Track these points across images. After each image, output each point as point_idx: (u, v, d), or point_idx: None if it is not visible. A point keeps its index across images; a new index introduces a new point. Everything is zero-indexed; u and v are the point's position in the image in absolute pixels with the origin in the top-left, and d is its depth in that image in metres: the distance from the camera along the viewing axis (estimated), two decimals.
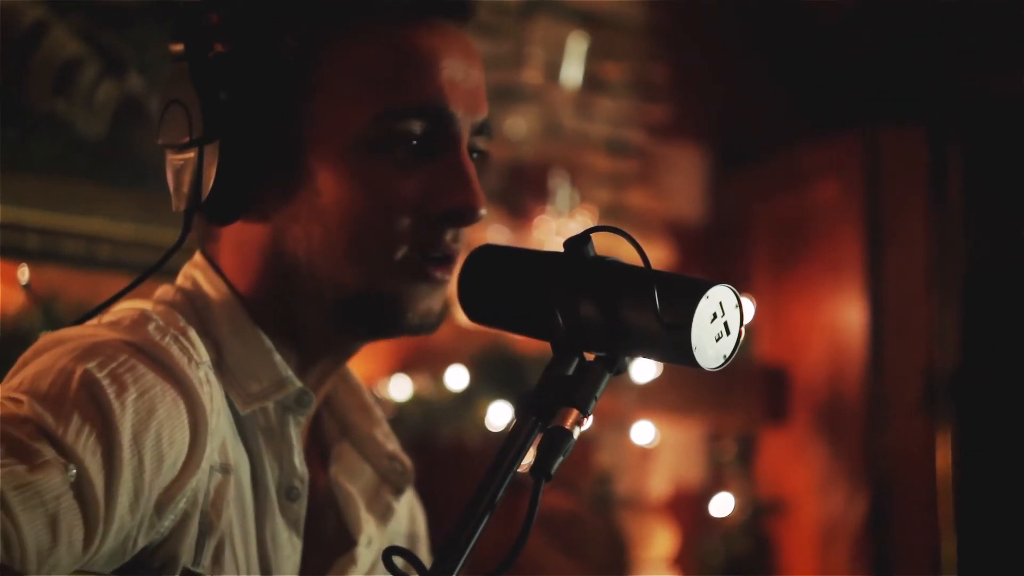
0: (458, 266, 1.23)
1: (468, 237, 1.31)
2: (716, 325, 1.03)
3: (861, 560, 3.99)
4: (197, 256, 1.34)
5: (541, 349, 1.13)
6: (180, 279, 1.33)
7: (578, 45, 4.02)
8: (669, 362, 1.08)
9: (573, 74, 4.02)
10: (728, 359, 1.04)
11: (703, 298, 1.02)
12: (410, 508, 1.52)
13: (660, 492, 4.14)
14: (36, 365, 1.13)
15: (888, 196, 3.99)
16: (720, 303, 1.03)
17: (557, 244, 1.15)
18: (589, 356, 1.07)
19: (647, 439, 3.81)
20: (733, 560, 4.04)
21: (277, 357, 1.29)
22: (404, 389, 3.36)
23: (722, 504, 4.04)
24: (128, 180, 3.14)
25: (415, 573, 1.00)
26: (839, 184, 4.19)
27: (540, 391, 1.05)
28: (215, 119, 1.24)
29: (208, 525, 1.19)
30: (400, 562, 1.00)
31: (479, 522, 0.99)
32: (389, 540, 1.43)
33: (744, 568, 4.05)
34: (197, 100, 1.24)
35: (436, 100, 1.26)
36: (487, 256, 1.19)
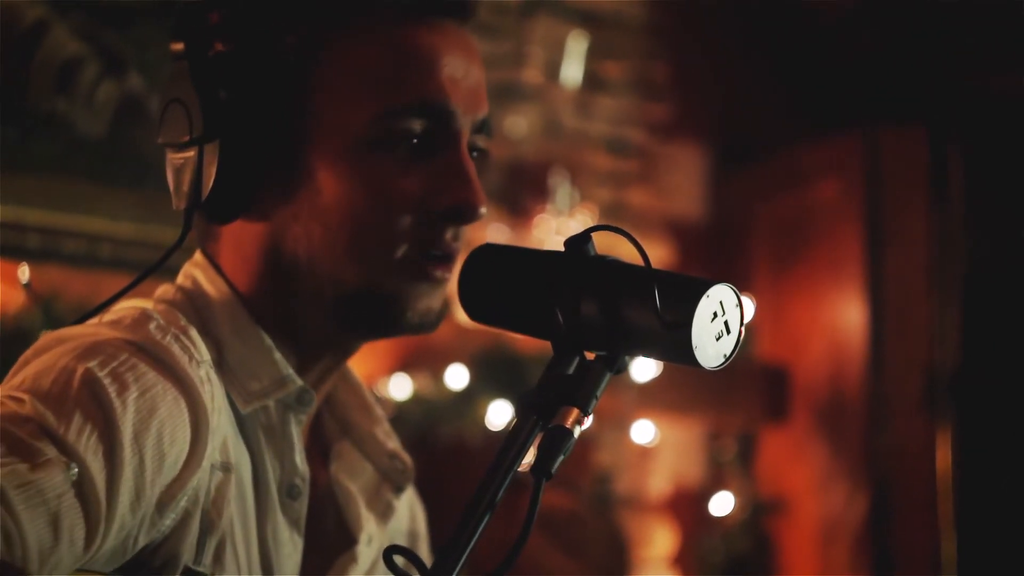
0: (458, 265, 1.23)
1: (468, 236, 1.31)
2: (716, 324, 1.03)
3: (861, 559, 3.99)
4: (197, 255, 1.34)
5: (541, 348, 1.13)
6: (180, 278, 1.33)
7: (578, 44, 4.02)
8: (669, 361, 1.08)
9: (573, 73, 4.02)
10: (728, 358, 1.04)
11: (703, 297, 1.02)
12: (411, 506, 1.52)
13: (660, 491, 4.14)
14: (37, 364, 1.13)
15: (888, 196, 3.99)
16: (720, 302, 1.03)
17: (557, 243, 1.15)
18: (589, 355, 1.07)
19: (647, 438, 3.81)
20: (733, 559, 4.03)
21: (277, 355, 1.29)
22: (404, 388, 3.36)
23: (722, 503, 4.04)
24: (128, 179, 3.14)
25: (416, 572, 1.00)
26: (839, 184, 4.19)
27: (540, 390, 1.05)
28: (215, 118, 1.24)
29: (209, 524, 1.19)
30: (401, 561, 1.00)
31: (479, 521, 0.99)
32: (390, 538, 1.43)
33: (744, 567, 4.04)
34: (197, 99, 1.24)
35: (436, 98, 1.26)
36: (487, 255, 1.19)
